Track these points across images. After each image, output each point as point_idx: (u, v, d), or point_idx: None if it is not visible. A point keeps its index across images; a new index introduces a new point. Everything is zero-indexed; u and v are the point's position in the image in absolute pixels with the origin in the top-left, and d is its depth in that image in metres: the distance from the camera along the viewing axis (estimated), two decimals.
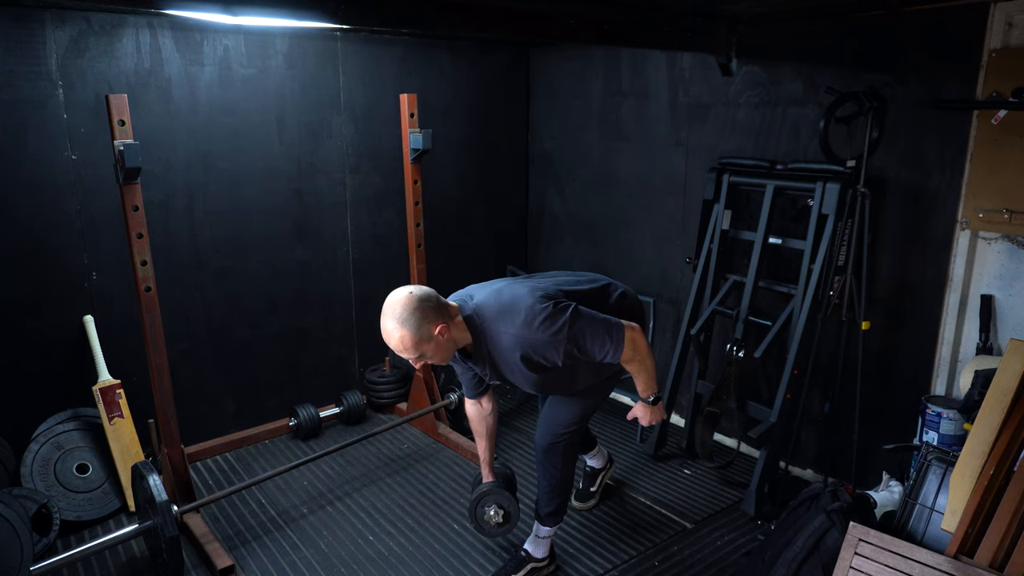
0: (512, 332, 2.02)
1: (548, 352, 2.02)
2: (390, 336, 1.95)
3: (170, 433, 2.74)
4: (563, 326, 2.00)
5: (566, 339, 2.00)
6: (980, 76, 2.48)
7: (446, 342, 2.01)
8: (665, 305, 3.76)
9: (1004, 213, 2.47)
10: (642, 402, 2.34)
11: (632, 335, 2.10)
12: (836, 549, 2.13)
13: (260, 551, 2.71)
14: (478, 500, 2.51)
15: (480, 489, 2.52)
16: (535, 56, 4.30)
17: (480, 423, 2.51)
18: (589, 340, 2.04)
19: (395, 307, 1.94)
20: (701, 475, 3.24)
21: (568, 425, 2.38)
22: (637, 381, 2.27)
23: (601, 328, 2.06)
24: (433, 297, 2.00)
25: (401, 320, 1.93)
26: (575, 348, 2.04)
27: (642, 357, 2.16)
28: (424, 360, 2.03)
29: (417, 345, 1.95)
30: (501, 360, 2.11)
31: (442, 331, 1.97)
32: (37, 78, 2.80)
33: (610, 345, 2.06)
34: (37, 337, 2.97)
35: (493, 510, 2.50)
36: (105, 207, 3.01)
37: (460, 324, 2.06)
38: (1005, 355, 2.15)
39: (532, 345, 2.01)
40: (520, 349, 2.03)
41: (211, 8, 1.94)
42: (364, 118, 3.72)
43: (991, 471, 2.03)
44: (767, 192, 2.97)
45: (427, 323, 1.94)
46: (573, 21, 2.58)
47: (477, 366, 2.18)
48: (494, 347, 2.08)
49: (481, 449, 2.55)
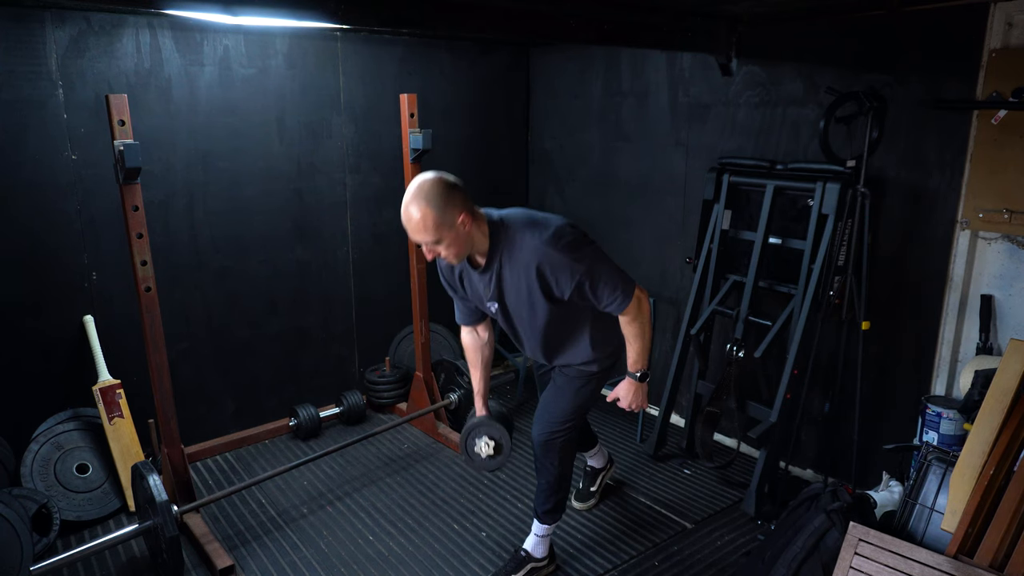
0: (535, 243, 2.01)
1: (562, 275, 2.02)
2: (411, 216, 1.93)
3: (170, 433, 2.75)
4: (585, 255, 2.02)
5: (584, 269, 2.01)
6: (980, 76, 2.48)
7: (466, 235, 1.99)
8: (665, 305, 3.76)
9: (1004, 213, 2.47)
10: (628, 378, 2.30)
11: (640, 295, 2.12)
12: (836, 549, 2.13)
13: (260, 551, 2.71)
14: (468, 432, 2.43)
15: (471, 422, 2.44)
16: (535, 56, 4.30)
17: (476, 352, 2.47)
18: (602, 280, 2.05)
19: (423, 185, 1.93)
20: (701, 475, 3.24)
21: (564, 421, 2.36)
22: (630, 349, 2.24)
23: (616, 274, 2.08)
24: (461, 186, 1.99)
25: (428, 198, 1.91)
26: (588, 282, 2.03)
27: (643, 321, 2.17)
28: (438, 250, 2.00)
29: (438, 228, 1.93)
30: (510, 274, 2.08)
31: (465, 220, 1.96)
32: (37, 78, 2.80)
33: (619, 293, 2.07)
34: (37, 337, 2.97)
35: (484, 441, 2.42)
36: (105, 207, 3.01)
37: (482, 225, 2.05)
38: (1005, 355, 2.15)
39: (550, 261, 2.01)
40: (537, 260, 2.02)
41: (211, 8, 1.94)
42: (364, 118, 3.72)
43: (991, 471, 2.03)
44: (767, 192, 2.97)
45: (453, 208, 1.93)
46: (573, 21, 2.58)
47: (482, 279, 2.14)
48: (509, 257, 2.06)
49: (476, 380, 2.50)
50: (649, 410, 3.82)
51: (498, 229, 2.06)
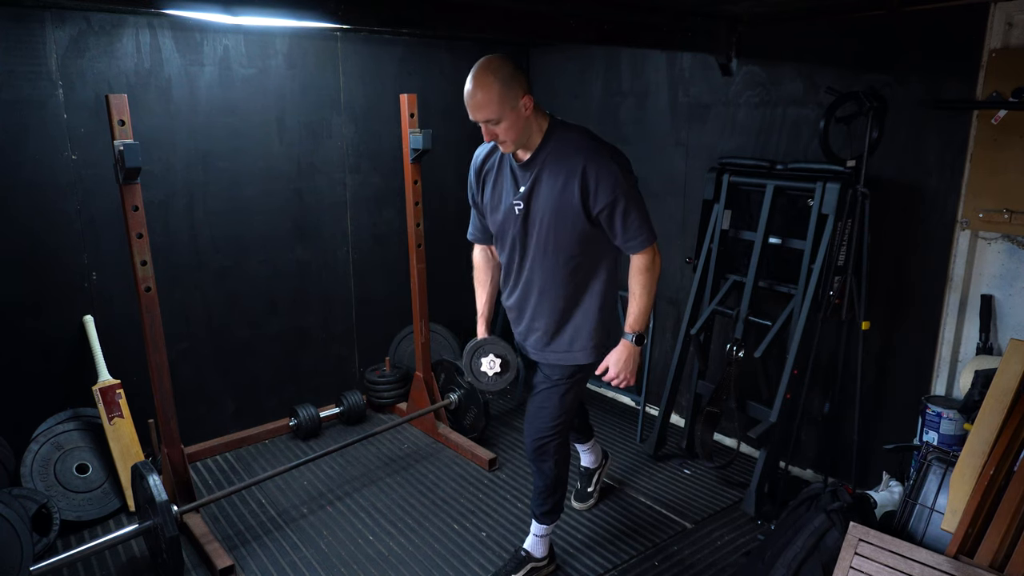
0: (593, 145, 2.04)
1: (604, 184, 2.01)
2: (476, 92, 1.94)
3: (170, 433, 2.75)
4: (631, 182, 2.06)
5: (625, 190, 2.02)
6: (980, 76, 2.48)
7: (526, 118, 2.00)
8: (665, 305, 3.75)
9: (1004, 213, 2.47)
10: (624, 342, 2.24)
11: (656, 248, 2.17)
12: (836, 549, 2.13)
13: (260, 551, 2.71)
14: (472, 352, 2.33)
15: (474, 342, 2.35)
16: (535, 56, 4.29)
17: (485, 271, 2.44)
18: (634, 211, 2.06)
19: (492, 63, 1.95)
20: (701, 475, 3.24)
21: (552, 425, 2.33)
22: (632, 303, 2.22)
23: (646, 217, 2.12)
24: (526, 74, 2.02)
25: (495, 72, 1.93)
26: (622, 205, 2.03)
27: (653, 275, 2.19)
28: (496, 131, 2.00)
29: (501, 102, 1.93)
30: (552, 171, 2.06)
31: (527, 103, 1.98)
32: (37, 78, 2.80)
33: (644, 234, 2.11)
34: (37, 337, 2.97)
35: (490, 358, 2.33)
36: (105, 207, 3.01)
37: (542, 118, 2.07)
38: (1005, 355, 2.15)
39: (599, 166, 2.01)
40: (586, 160, 2.01)
41: (211, 8, 1.94)
42: (364, 118, 3.72)
43: (991, 471, 2.03)
44: (767, 192, 2.97)
45: (518, 87, 1.95)
46: (573, 21, 2.58)
47: (523, 173, 2.11)
48: (557, 155, 2.05)
49: (481, 302, 2.44)
50: (649, 410, 3.82)
51: (556, 127, 2.08)
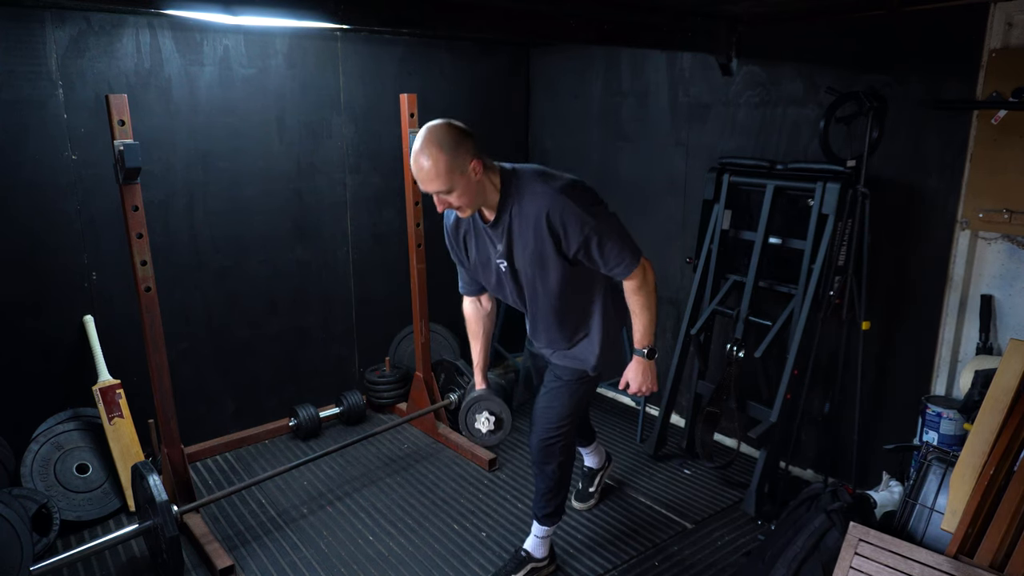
0: (548, 190, 1.99)
1: (571, 226, 1.98)
2: (422, 164, 1.89)
3: (170, 433, 2.74)
4: (596, 210, 2.01)
5: (593, 223, 1.98)
6: (980, 76, 2.48)
7: (477, 182, 1.95)
8: (665, 305, 3.75)
9: (1004, 213, 2.47)
10: (636, 356, 2.26)
11: (646, 264, 2.11)
12: (836, 549, 2.13)
13: (260, 551, 2.71)
14: (468, 407, 2.39)
15: (471, 396, 2.41)
16: (535, 56, 4.29)
17: (477, 323, 2.43)
18: (611, 240, 2.03)
19: (435, 130, 1.90)
20: (701, 475, 3.24)
21: (559, 425, 2.33)
22: (636, 323, 2.20)
23: (625, 238, 2.07)
24: (473, 134, 1.97)
25: (440, 143, 1.87)
26: (595, 239, 2.00)
27: (649, 291, 2.15)
28: (449, 200, 1.96)
29: (449, 173, 1.89)
30: (520, 226, 2.03)
31: (476, 167, 1.93)
32: (37, 78, 2.80)
33: (627, 256, 2.06)
34: (37, 337, 2.97)
35: (484, 416, 2.39)
36: (105, 207, 3.01)
37: (494, 176, 2.02)
38: (1005, 355, 2.15)
39: (560, 209, 1.97)
40: (547, 207, 1.97)
41: (211, 8, 1.94)
42: (364, 118, 3.72)
43: (991, 471, 2.03)
44: (767, 192, 2.97)
45: (464, 153, 1.90)
46: (573, 21, 2.58)
47: (494, 233, 2.09)
48: (520, 208, 2.02)
49: (475, 352, 2.46)
50: (649, 410, 3.82)
51: (510, 179, 2.03)
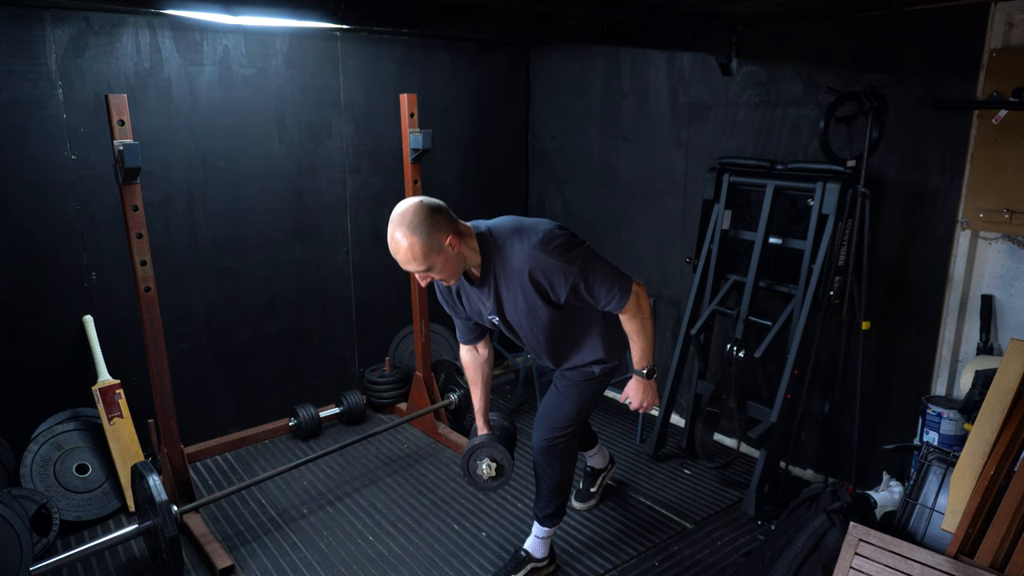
0: (526, 248, 1.98)
1: (555, 279, 1.99)
2: (399, 246, 1.88)
3: (170, 433, 2.74)
4: (577, 255, 1.99)
5: (577, 270, 1.98)
6: (980, 76, 2.48)
7: (456, 256, 1.95)
8: (665, 305, 3.75)
9: (1004, 213, 2.47)
10: (636, 376, 2.28)
11: (638, 291, 2.09)
12: (836, 549, 2.13)
13: (260, 551, 2.71)
14: (470, 453, 2.42)
15: (473, 442, 2.43)
16: (535, 56, 4.29)
17: (476, 371, 2.45)
18: (598, 280, 2.02)
19: (405, 214, 1.87)
20: (701, 475, 3.24)
21: (565, 425, 2.35)
22: (634, 347, 2.22)
23: (611, 272, 2.05)
24: (445, 209, 1.95)
25: (411, 227, 1.86)
26: (582, 284, 2.01)
27: (644, 317, 2.14)
28: (431, 275, 1.96)
29: (426, 255, 1.88)
30: (507, 284, 2.05)
31: (452, 242, 1.92)
32: (37, 78, 2.80)
33: (617, 291, 2.04)
34: (37, 337, 2.97)
35: (486, 464, 2.41)
36: (105, 207, 3.01)
37: (471, 241, 2.01)
38: (1005, 355, 2.15)
39: (542, 266, 1.97)
40: (529, 266, 1.98)
41: (211, 8, 1.94)
42: (364, 118, 3.72)
43: (991, 471, 2.03)
44: (767, 192, 2.97)
45: (438, 232, 1.88)
46: (573, 21, 2.58)
47: (480, 293, 2.11)
48: (503, 268, 2.03)
49: (476, 399, 2.48)
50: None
51: (487, 241, 2.02)
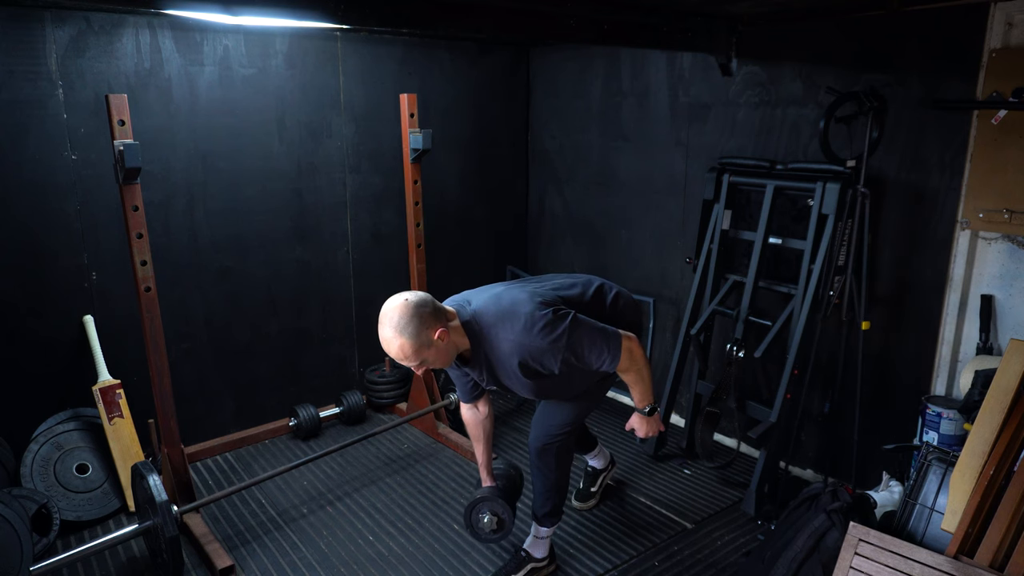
0: (511, 338, 2.01)
1: (546, 359, 2.02)
2: (389, 345, 1.94)
3: (170, 433, 2.74)
4: (562, 334, 1.99)
5: (564, 347, 2.00)
6: (980, 76, 2.48)
7: (446, 346, 2.00)
8: (665, 305, 3.76)
9: (1004, 213, 2.47)
10: (638, 413, 2.33)
11: (629, 345, 2.10)
12: (836, 549, 2.13)
13: (260, 551, 2.71)
14: (473, 506, 2.49)
15: (476, 495, 2.51)
16: (535, 56, 4.29)
17: (477, 427, 2.52)
18: (587, 349, 2.04)
19: (392, 315, 1.92)
20: (701, 475, 3.24)
21: (562, 427, 2.37)
22: (633, 392, 2.26)
23: (599, 337, 2.06)
24: (429, 302, 1.98)
25: (399, 328, 1.91)
26: (572, 356, 2.04)
27: (639, 367, 2.16)
28: (426, 366, 2.02)
29: (417, 352, 1.94)
30: (498, 365, 2.10)
31: (441, 335, 1.96)
32: (37, 78, 2.80)
33: (607, 354, 2.06)
34: (37, 337, 2.97)
35: (487, 517, 2.47)
36: (105, 207, 3.01)
37: (458, 329, 2.05)
38: (1005, 355, 2.15)
39: (530, 351, 2.01)
40: (518, 355, 2.02)
41: (211, 8, 1.94)
42: (364, 118, 3.72)
43: (991, 471, 2.03)
44: (767, 192, 2.97)
45: (426, 329, 1.93)
46: (573, 21, 2.58)
47: (474, 371, 2.18)
48: (492, 352, 2.07)
49: (479, 453, 2.55)
50: None
51: (473, 329, 2.06)
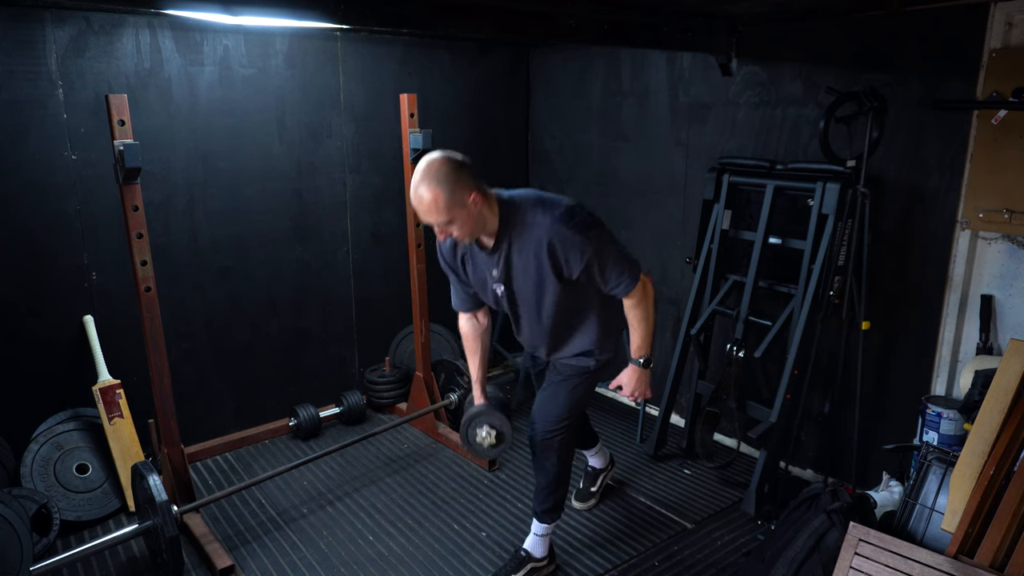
0: (547, 220, 2.03)
1: (572, 253, 2.03)
2: (422, 198, 1.92)
3: (170, 433, 2.74)
4: (596, 235, 2.05)
5: (593, 248, 2.04)
6: (980, 76, 2.48)
7: (477, 213, 1.99)
8: (665, 305, 3.75)
9: (1004, 213, 2.47)
10: (632, 364, 2.31)
11: (645, 279, 2.17)
12: (836, 549, 2.13)
13: (260, 551, 2.71)
14: (469, 421, 2.43)
15: (471, 411, 2.45)
16: (535, 56, 4.29)
17: (475, 340, 2.47)
18: (611, 260, 2.08)
19: (432, 166, 1.93)
20: (701, 475, 3.24)
21: (560, 420, 2.34)
22: (634, 334, 2.26)
23: (624, 257, 2.13)
24: (469, 164, 1.99)
25: (437, 179, 1.91)
26: (597, 262, 2.06)
27: (648, 305, 2.20)
28: (450, 230, 2.00)
29: (449, 208, 1.92)
30: (519, 253, 2.08)
31: (476, 199, 1.96)
32: (37, 78, 2.80)
33: (627, 276, 2.12)
34: (37, 337, 2.97)
35: (485, 431, 2.42)
36: (105, 207, 3.01)
37: (492, 204, 2.06)
38: (1005, 355, 2.15)
39: (562, 238, 2.02)
40: (548, 237, 2.03)
41: (211, 8, 1.94)
42: (364, 118, 3.72)
43: (991, 471, 2.03)
44: (767, 192, 2.97)
45: (462, 187, 1.93)
46: (573, 21, 2.58)
47: (491, 259, 2.14)
48: (519, 236, 2.07)
49: (474, 368, 2.49)
50: (649, 410, 3.82)
51: (508, 209, 2.07)
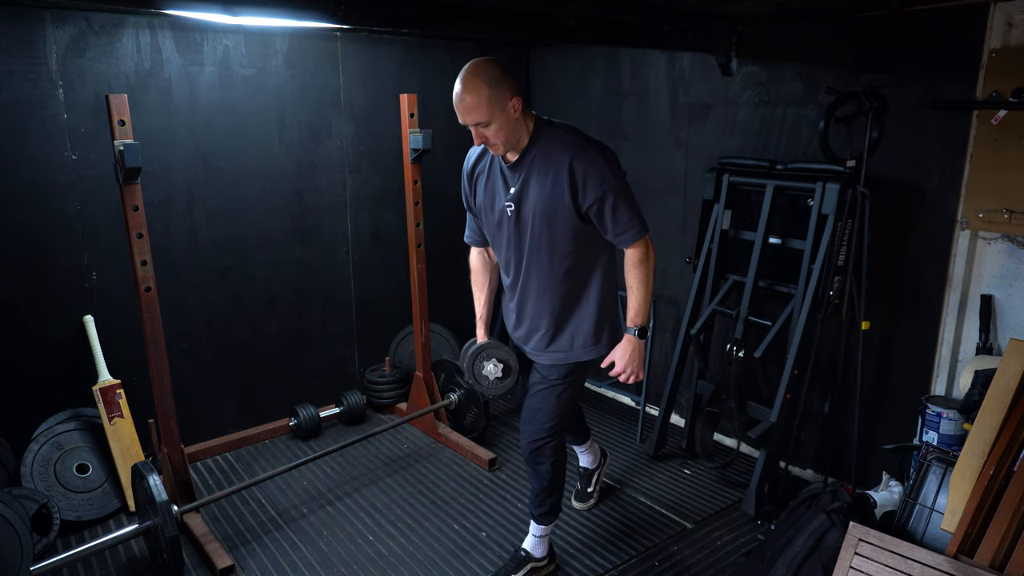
0: (578, 142, 2.06)
1: (591, 180, 2.03)
2: (465, 94, 1.96)
3: (170, 433, 2.75)
4: (619, 173, 2.07)
5: (612, 184, 2.04)
6: (980, 76, 2.48)
7: (515, 119, 2.01)
8: (665, 305, 3.75)
9: (1004, 213, 2.47)
10: (627, 336, 2.23)
11: (649, 241, 2.18)
12: (836, 549, 2.13)
13: (260, 551, 2.71)
14: (475, 356, 2.34)
15: (474, 346, 2.36)
16: (535, 56, 4.29)
17: (483, 274, 2.47)
18: (623, 206, 2.08)
19: (478, 65, 1.97)
20: (701, 475, 3.24)
21: (549, 424, 2.32)
22: (631, 298, 2.20)
23: (636, 209, 2.13)
24: (514, 73, 2.03)
25: (484, 76, 1.95)
26: (611, 199, 2.05)
27: (648, 267, 2.19)
28: (487, 134, 2.02)
29: (490, 106, 1.95)
30: (540, 169, 2.08)
31: (516, 104, 1.99)
32: (37, 78, 2.80)
33: (635, 226, 2.11)
34: (37, 337, 2.97)
35: (492, 363, 2.35)
36: (105, 207, 3.01)
37: (529, 119, 2.08)
38: (1005, 355, 2.15)
39: (585, 161, 2.03)
40: (572, 156, 2.03)
41: (211, 8, 1.94)
42: (364, 118, 3.72)
43: (991, 471, 2.03)
44: (767, 192, 2.97)
45: (506, 90, 1.97)
46: (573, 21, 2.58)
47: (511, 176, 2.15)
48: (545, 153, 2.07)
49: (479, 304, 2.45)
50: (649, 410, 3.82)
51: (541, 127, 2.09)
